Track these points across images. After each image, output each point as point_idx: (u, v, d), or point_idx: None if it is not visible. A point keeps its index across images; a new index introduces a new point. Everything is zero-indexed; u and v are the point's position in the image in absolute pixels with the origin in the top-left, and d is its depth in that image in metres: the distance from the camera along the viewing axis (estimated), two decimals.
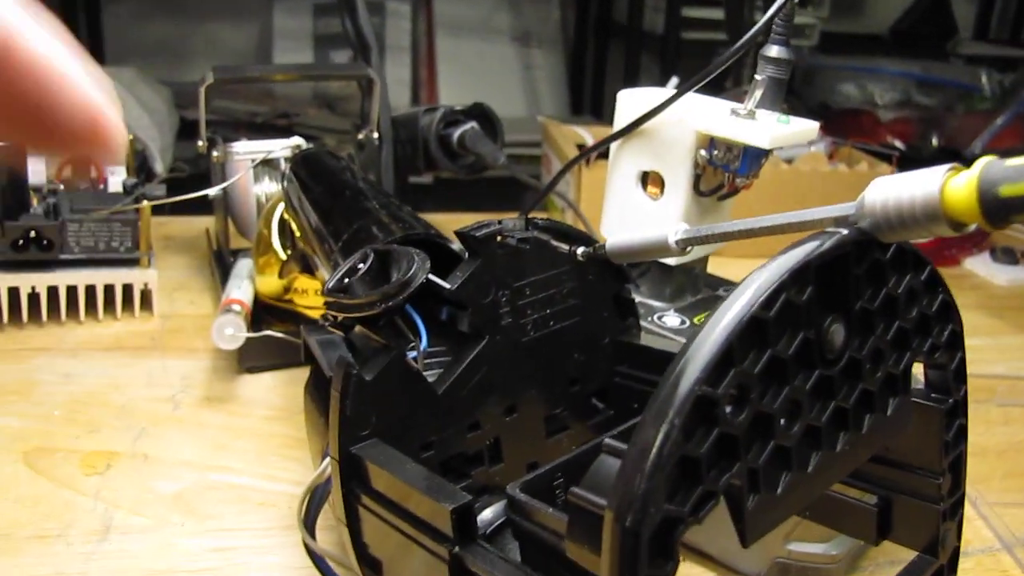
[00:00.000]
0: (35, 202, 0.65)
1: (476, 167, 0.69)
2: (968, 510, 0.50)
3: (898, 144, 1.86)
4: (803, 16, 1.86)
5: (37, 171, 0.66)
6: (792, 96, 1.90)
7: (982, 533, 0.48)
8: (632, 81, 1.76)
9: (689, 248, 0.31)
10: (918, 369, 0.31)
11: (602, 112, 1.85)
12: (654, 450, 0.20)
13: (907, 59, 1.95)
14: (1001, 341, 0.73)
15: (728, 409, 0.21)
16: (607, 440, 0.23)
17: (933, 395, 0.30)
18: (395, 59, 1.92)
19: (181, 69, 1.80)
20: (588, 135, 0.89)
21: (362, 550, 0.33)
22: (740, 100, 0.43)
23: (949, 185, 0.22)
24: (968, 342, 0.77)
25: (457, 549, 0.28)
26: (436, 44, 1.96)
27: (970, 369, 0.69)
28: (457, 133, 0.68)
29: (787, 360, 0.22)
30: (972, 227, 0.22)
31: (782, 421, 0.23)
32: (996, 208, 0.21)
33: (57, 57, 0.20)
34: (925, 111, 1.90)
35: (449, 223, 0.38)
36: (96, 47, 1.75)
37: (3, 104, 0.19)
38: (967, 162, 0.23)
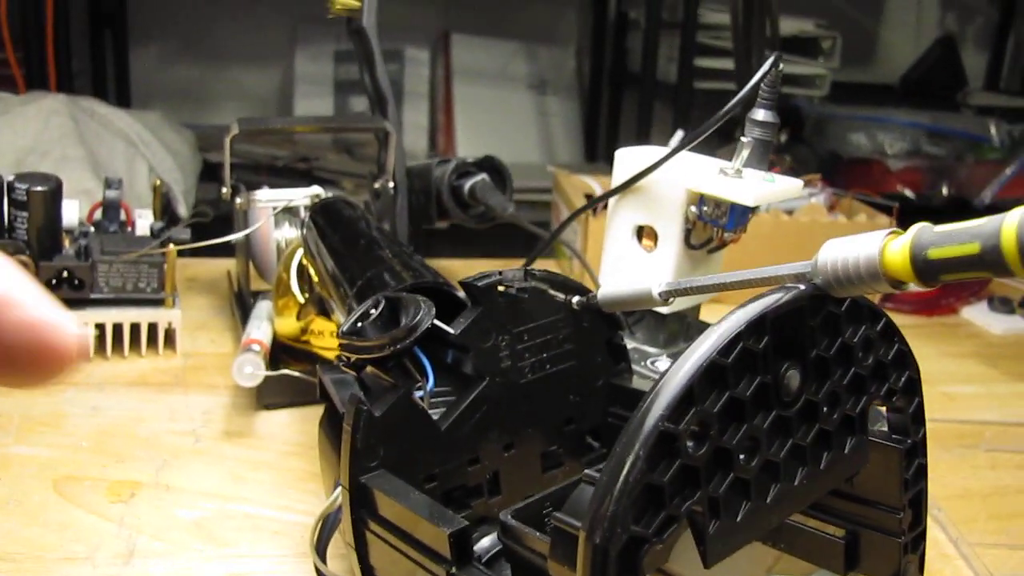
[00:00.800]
0: (67, 243, 0.68)
1: (486, 217, 0.73)
2: (950, 550, 0.52)
3: (908, 193, 1.89)
4: (814, 67, 1.90)
5: (70, 213, 0.70)
6: (802, 145, 1.93)
7: (962, 572, 0.50)
8: (645, 129, 1.80)
9: (671, 299, 0.34)
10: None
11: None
12: (621, 478, 0.23)
13: (917, 109, 1.98)
14: (993, 389, 0.75)
15: (690, 443, 0.24)
16: (586, 471, 0.26)
17: (893, 436, 0.33)
18: (413, 105, 1.97)
19: (204, 113, 1.85)
20: (596, 185, 0.93)
21: (368, 572, 0.36)
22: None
23: (887, 248, 0.25)
24: (961, 390, 0.79)
25: (454, 570, 0.31)
26: (453, 91, 2.00)
27: (960, 415, 0.72)
28: (468, 184, 0.72)
29: (745, 401, 0.25)
30: (910, 285, 0.25)
31: (741, 456, 0.26)
32: (925, 269, 0.24)
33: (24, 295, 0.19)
34: (935, 161, 1.93)
35: (462, 269, 0.41)
36: (122, 90, 1.81)
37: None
38: (976, 213, 0.25)
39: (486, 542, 0.36)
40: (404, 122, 1.88)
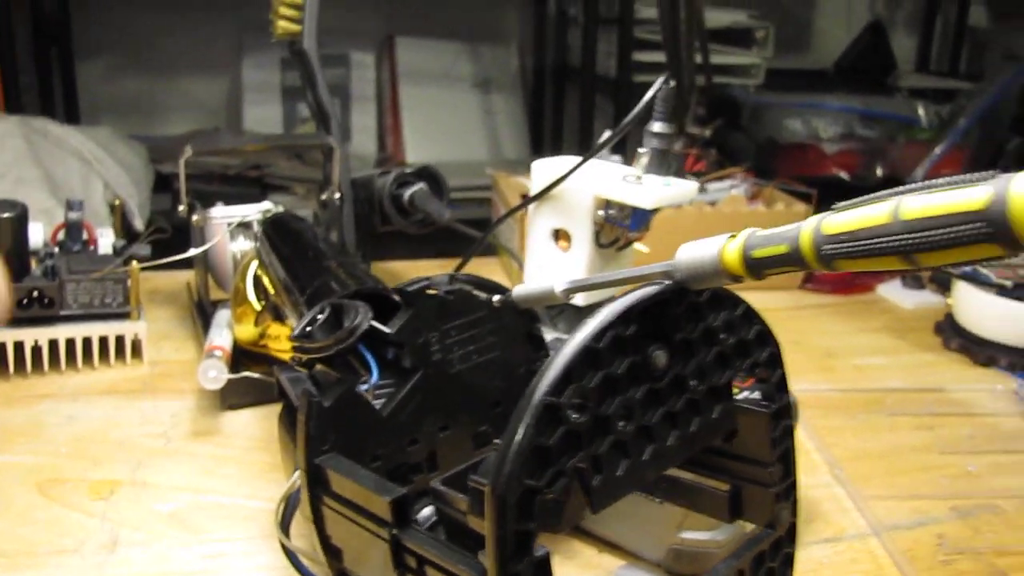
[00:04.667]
0: (34, 264, 0.73)
1: (425, 222, 0.79)
2: (848, 504, 0.59)
3: (843, 175, 1.97)
4: (748, 56, 1.97)
5: (35, 236, 0.75)
6: (740, 133, 2.00)
7: (857, 522, 0.57)
8: (588, 123, 1.85)
9: (571, 296, 0.39)
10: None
11: (561, 151, 1.95)
12: (515, 441, 0.29)
13: (850, 94, 2.04)
14: (899, 360, 0.82)
15: (573, 413, 0.30)
16: (495, 440, 0.32)
17: (761, 403, 0.39)
18: (360, 108, 2.00)
19: (154, 124, 1.87)
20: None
21: (326, 541, 0.41)
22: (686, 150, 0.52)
23: (726, 250, 0.31)
24: (869, 361, 0.86)
25: (395, 532, 0.36)
26: (400, 93, 2.04)
27: (865, 384, 0.79)
28: (408, 193, 0.77)
29: (618, 377, 0.31)
30: (744, 278, 0.31)
31: (620, 422, 0.32)
32: (752, 265, 0.30)
33: None
34: (868, 143, 2.00)
35: (407, 270, 0.47)
36: (71, 105, 1.83)
37: None
38: None
39: (426, 512, 0.42)
40: (352, 125, 1.92)
